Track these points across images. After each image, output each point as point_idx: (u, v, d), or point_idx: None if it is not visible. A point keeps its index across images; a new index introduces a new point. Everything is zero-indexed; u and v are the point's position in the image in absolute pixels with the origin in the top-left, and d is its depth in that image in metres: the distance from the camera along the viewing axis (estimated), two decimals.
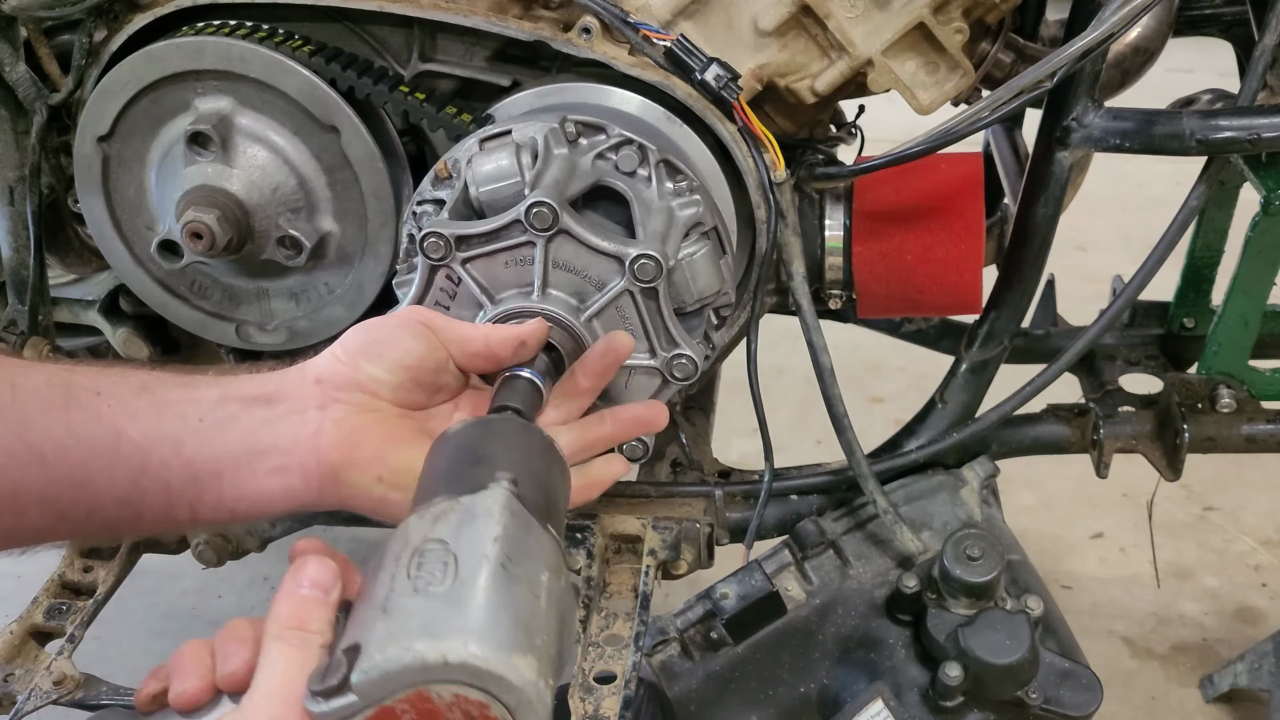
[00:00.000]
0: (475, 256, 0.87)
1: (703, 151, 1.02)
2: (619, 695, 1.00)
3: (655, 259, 0.85)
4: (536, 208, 0.84)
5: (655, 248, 0.85)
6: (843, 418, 1.10)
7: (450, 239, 0.86)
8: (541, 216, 0.84)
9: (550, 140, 0.91)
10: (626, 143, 0.92)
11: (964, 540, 1.04)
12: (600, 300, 0.87)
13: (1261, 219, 1.13)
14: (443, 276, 0.88)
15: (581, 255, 0.86)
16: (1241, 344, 1.24)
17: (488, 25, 1.00)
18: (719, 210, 0.97)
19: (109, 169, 1.08)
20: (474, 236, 0.86)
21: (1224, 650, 1.71)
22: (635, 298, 0.87)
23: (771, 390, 1.12)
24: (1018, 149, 1.37)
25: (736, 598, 1.10)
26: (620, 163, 0.93)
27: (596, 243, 0.85)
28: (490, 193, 0.89)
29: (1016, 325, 1.19)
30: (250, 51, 1.01)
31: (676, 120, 1.01)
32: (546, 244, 0.85)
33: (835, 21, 0.99)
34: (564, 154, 0.91)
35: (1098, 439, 1.27)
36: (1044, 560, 1.82)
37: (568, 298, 0.87)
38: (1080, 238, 2.63)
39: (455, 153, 0.93)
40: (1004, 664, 0.99)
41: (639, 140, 0.92)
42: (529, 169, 0.89)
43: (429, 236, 0.86)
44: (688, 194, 0.93)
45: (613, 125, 0.93)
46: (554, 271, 0.87)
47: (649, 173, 0.93)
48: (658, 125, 1.01)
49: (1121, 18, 0.93)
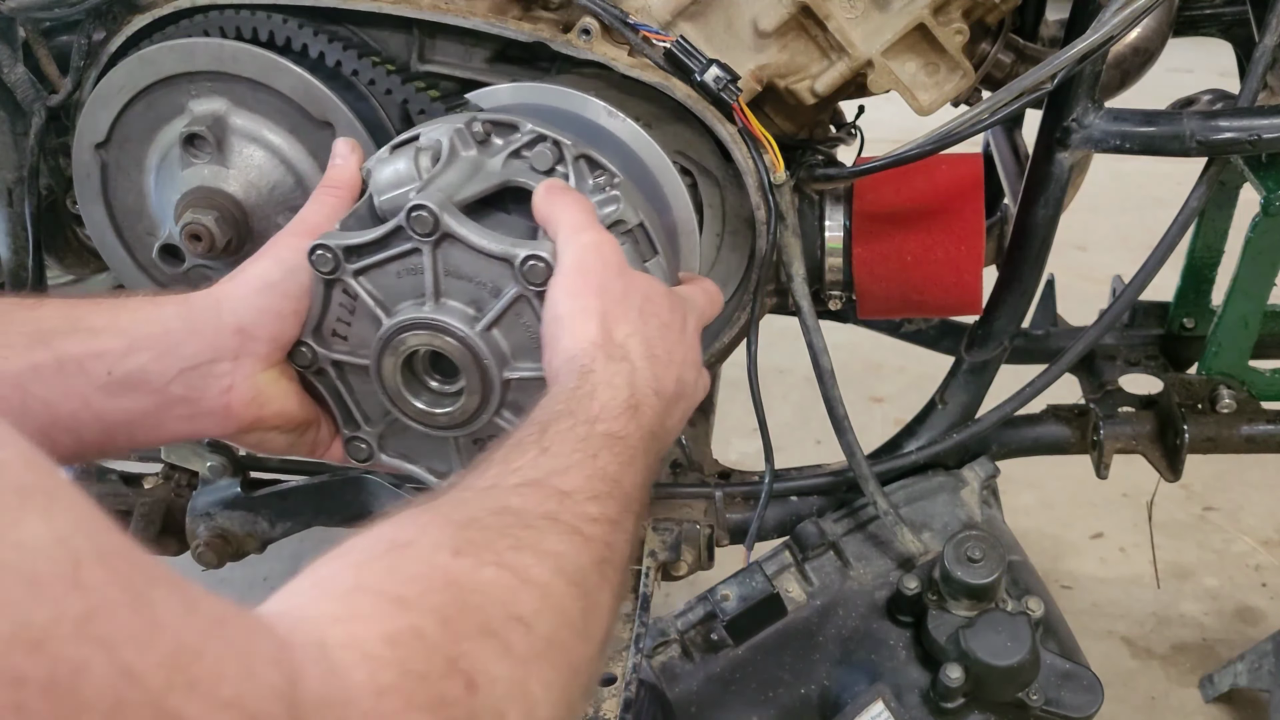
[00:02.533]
0: (367, 268, 0.83)
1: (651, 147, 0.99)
2: (619, 697, 0.99)
3: (544, 259, 0.79)
4: (416, 211, 0.79)
5: (547, 248, 0.79)
6: (843, 419, 1.10)
7: (338, 251, 0.82)
8: (422, 220, 0.80)
9: (456, 141, 0.87)
10: (540, 139, 0.88)
11: (965, 542, 1.04)
12: (495, 308, 0.82)
13: (1261, 219, 1.13)
14: (340, 292, 0.84)
15: (473, 261, 0.81)
16: (1241, 344, 1.24)
17: (487, 26, 1.00)
18: (647, 207, 0.92)
19: (108, 176, 1.08)
20: (362, 247, 0.82)
21: (1224, 650, 1.71)
22: (532, 303, 0.81)
23: (771, 391, 1.13)
24: (1018, 150, 1.37)
25: (737, 599, 1.10)
26: (534, 161, 0.88)
27: (484, 245, 0.80)
28: (390, 200, 0.85)
29: (1016, 326, 1.19)
30: (242, 51, 1.01)
31: (619, 115, 0.98)
32: (434, 250, 0.81)
33: (835, 22, 0.99)
34: (470, 155, 0.87)
35: (1098, 440, 1.27)
36: (1044, 560, 1.82)
37: (464, 307, 0.82)
38: (1080, 238, 2.63)
39: (370, 159, 0.90)
40: (1005, 665, 0.99)
41: (553, 136, 0.88)
42: (428, 172, 0.85)
43: (316, 250, 0.81)
44: (607, 190, 0.89)
45: (525, 122, 0.89)
46: (448, 280, 0.82)
47: (567, 170, 0.88)
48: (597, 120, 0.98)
49: (1122, 20, 0.93)
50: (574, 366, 0.73)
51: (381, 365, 0.85)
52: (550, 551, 0.59)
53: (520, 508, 0.61)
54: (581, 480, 0.65)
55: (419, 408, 0.86)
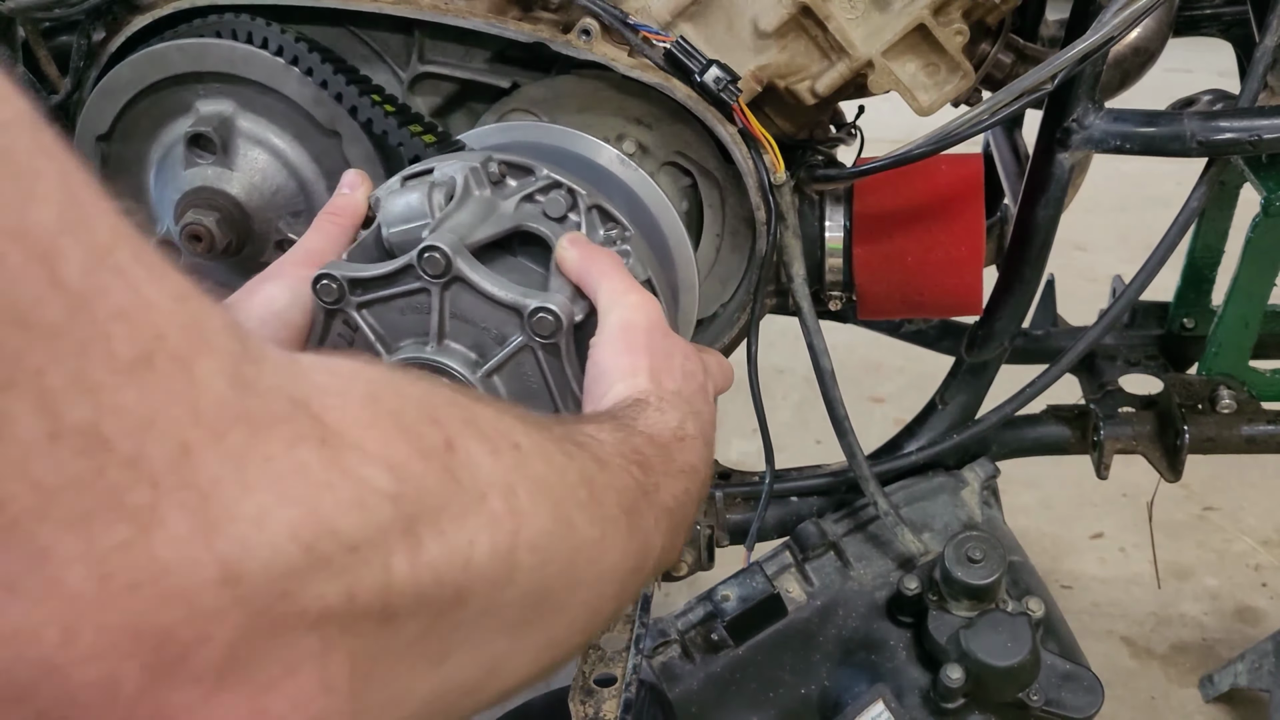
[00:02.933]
0: (371, 302, 0.81)
1: (660, 199, 0.99)
2: (619, 698, 0.99)
3: (554, 312, 0.77)
4: (428, 252, 0.78)
5: (558, 301, 0.78)
6: (843, 420, 1.10)
7: (344, 282, 0.80)
8: (434, 262, 0.78)
9: (470, 180, 0.85)
10: (555, 185, 0.87)
11: (965, 542, 1.04)
12: (499, 355, 0.80)
13: (1262, 220, 1.13)
14: (340, 322, 0.82)
15: (480, 306, 0.79)
16: (1242, 344, 1.24)
17: (487, 27, 1.00)
18: (655, 261, 0.91)
19: (108, 169, 1.08)
20: (369, 280, 0.80)
21: (1224, 650, 1.71)
22: (536, 354, 0.80)
23: (771, 391, 1.13)
24: (1018, 150, 1.37)
25: (737, 599, 1.10)
26: (547, 207, 0.87)
27: (494, 292, 0.78)
28: (400, 234, 0.84)
29: (1017, 326, 1.19)
30: (254, 55, 1.01)
31: (631, 165, 0.98)
32: (442, 291, 0.79)
33: (835, 23, 0.99)
34: (484, 195, 0.86)
35: (1098, 440, 1.27)
36: (1044, 560, 1.82)
37: (466, 351, 0.81)
38: (1080, 238, 2.63)
39: (379, 189, 0.88)
40: (1005, 666, 0.99)
41: (568, 183, 0.87)
42: (440, 209, 0.84)
43: (321, 279, 0.79)
44: (619, 243, 0.88)
45: (541, 167, 0.88)
46: (453, 322, 0.80)
47: (579, 219, 0.87)
48: (610, 169, 0.98)
49: (1122, 20, 0.93)
50: (625, 402, 0.71)
51: None
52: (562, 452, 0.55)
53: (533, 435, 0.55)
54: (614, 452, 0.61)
55: None
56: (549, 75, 1.05)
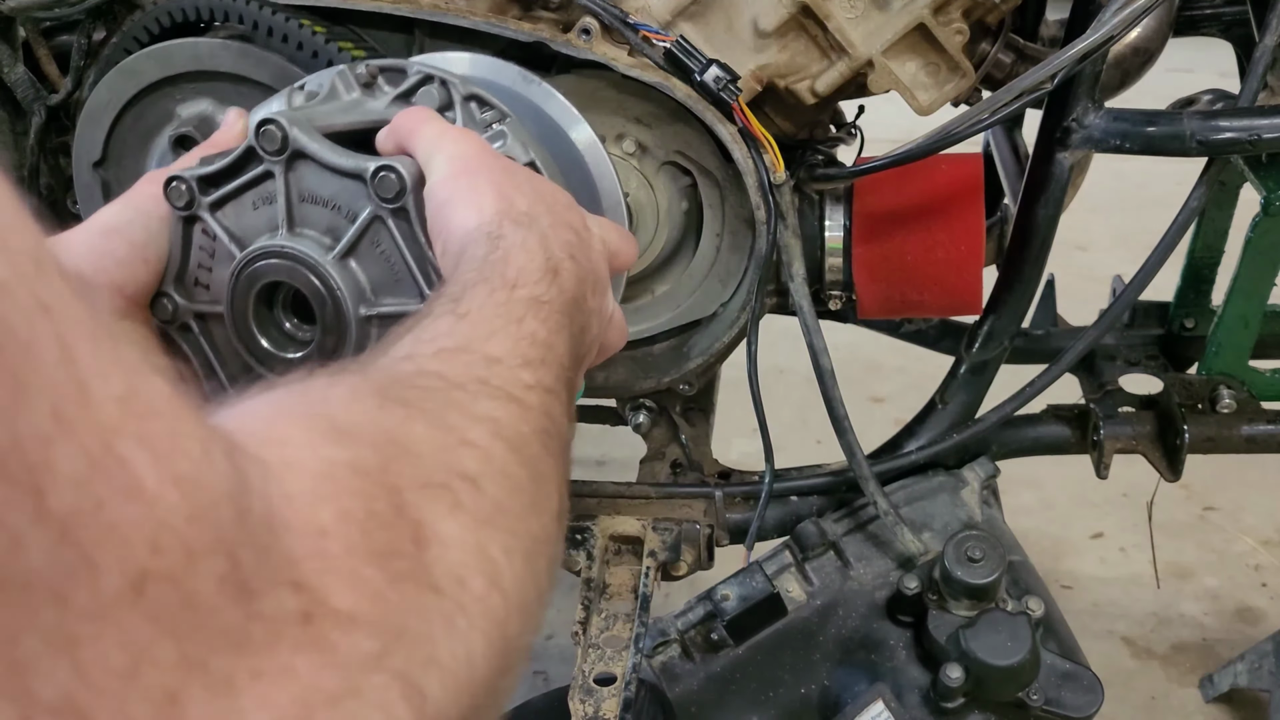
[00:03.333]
0: (223, 200, 0.76)
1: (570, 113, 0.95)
2: (619, 697, 1.00)
3: (395, 169, 0.72)
4: (264, 126, 0.74)
5: (405, 162, 0.72)
6: (843, 419, 1.10)
7: (193, 181, 0.75)
8: (270, 136, 0.73)
9: (338, 82, 0.83)
10: (427, 80, 0.83)
11: (965, 542, 1.04)
12: (350, 233, 0.74)
13: (1262, 219, 1.13)
14: (200, 233, 0.77)
15: (328, 182, 0.74)
16: (1242, 344, 1.24)
17: (487, 26, 1.00)
18: (540, 148, 0.85)
19: (110, 194, 1.08)
20: (217, 174, 0.76)
21: (1224, 650, 1.71)
22: (388, 224, 0.73)
23: (771, 390, 1.12)
24: (1018, 149, 1.37)
25: (737, 599, 1.10)
26: (420, 102, 0.83)
27: (335, 161, 0.73)
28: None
29: (1017, 326, 1.19)
30: (218, 46, 1.00)
31: (535, 79, 0.95)
32: (286, 172, 0.74)
33: (835, 22, 0.99)
34: (353, 98, 0.83)
35: (1098, 440, 1.27)
36: (1044, 560, 1.82)
37: (320, 236, 0.75)
38: (1080, 238, 2.63)
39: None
40: (1005, 665, 0.99)
41: (441, 76, 0.83)
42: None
43: (171, 182, 0.75)
44: (493, 126, 0.83)
45: (412, 64, 0.84)
46: (304, 206, 0.75)
47: (455, 113, 0.83)
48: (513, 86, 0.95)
49: (1122, 20, 0.93)
50: (479, 236, 0.65)
51: (234, 305, 0.77)
52: (485, 416, 0.52)
53: (445, 373, 0.53)
54: (510, 345, 0.57)
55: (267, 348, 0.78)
56: (549, 74, 1.05)
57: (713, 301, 1.14)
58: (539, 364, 0.58)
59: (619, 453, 1.93)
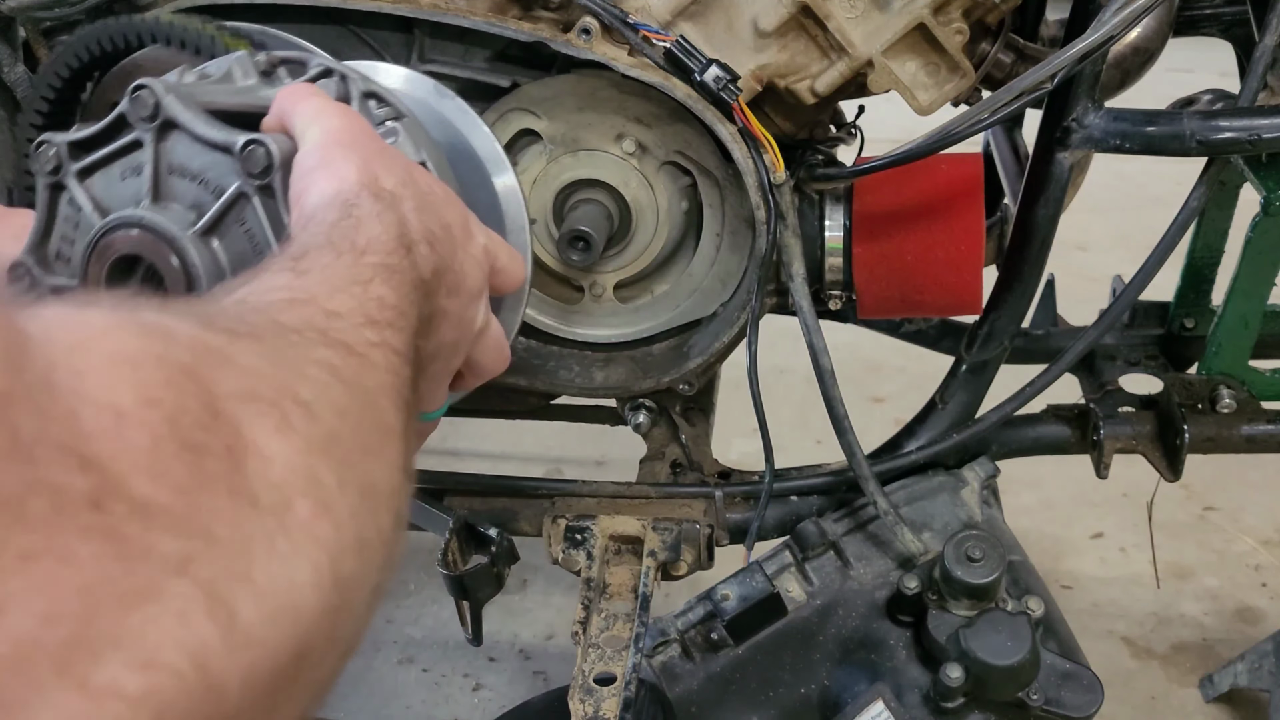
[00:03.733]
0: (91, 168, 0.73)
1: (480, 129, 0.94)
2: (619, 696, 1.00)
3: (264, 143, 0.68)
4: (137, 90, 0.70)
5: (277, 138, 0.69)
6: (843, 419, 1.10)
7: (62, 146, 0.72)
8: (142, 102, 0.70)
9: (235, 68, 0.80)
10: (326, 74, 0.81)
11: (965, 541, 1.04)
12: (215, 208, 0.69)
13: (1261, 219, 1.13)
14: (66, 204, 0.74)
15: (198, 156, 0.71)
16: (1242, 344, 1.24)
17: (487, 26, 1.00)
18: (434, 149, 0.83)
19: None
20: (87, 139, 0.72)
21: (1224, 650, 1.71)
22: (254, 202, 0.69)
23: (771, 390, 1.12)
24: (1018, 149, 1.37)
25: (737, 599, 1.10)
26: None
27: (206, 133, 0.70)
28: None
29: (1017, 326, 1.19)
30: (179, 56, 0.99)
31: (449, 94, 0.94)
32: (156, 142, 0.71)
33: (835, 22, 0.99)
34: (248, 84, 0.80)
35: (1098, 439, 1.27)
36: (1044, 560, 1.82)
37: (185, 211, 0.71)
38: (1080, 238, 2.63)
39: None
40: (1005, 665, 0.99)
41: (340, 71, 0.81)
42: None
43: (39, 145, 0.73)
44: (386, 124, 0.81)
45: (314, 58, 0.82)
46: (170, 179, 0.71)
47: (355, 107, 0.81)
48: (427, 99, 0.93)
49: (1122, 20, 0.93)
50: (335, 202, 0.61)
51: (86, 279, 0.72)
52: (323, 360, 0.47)
53: (279, 319, 0.49)
54: (354, 304, 0.53)
55: None
56: (549, 74, 1.05)
57: (712, 301, 1.14)
58: (385, 326, 0.53)
59: (619, 453, 1.93)
